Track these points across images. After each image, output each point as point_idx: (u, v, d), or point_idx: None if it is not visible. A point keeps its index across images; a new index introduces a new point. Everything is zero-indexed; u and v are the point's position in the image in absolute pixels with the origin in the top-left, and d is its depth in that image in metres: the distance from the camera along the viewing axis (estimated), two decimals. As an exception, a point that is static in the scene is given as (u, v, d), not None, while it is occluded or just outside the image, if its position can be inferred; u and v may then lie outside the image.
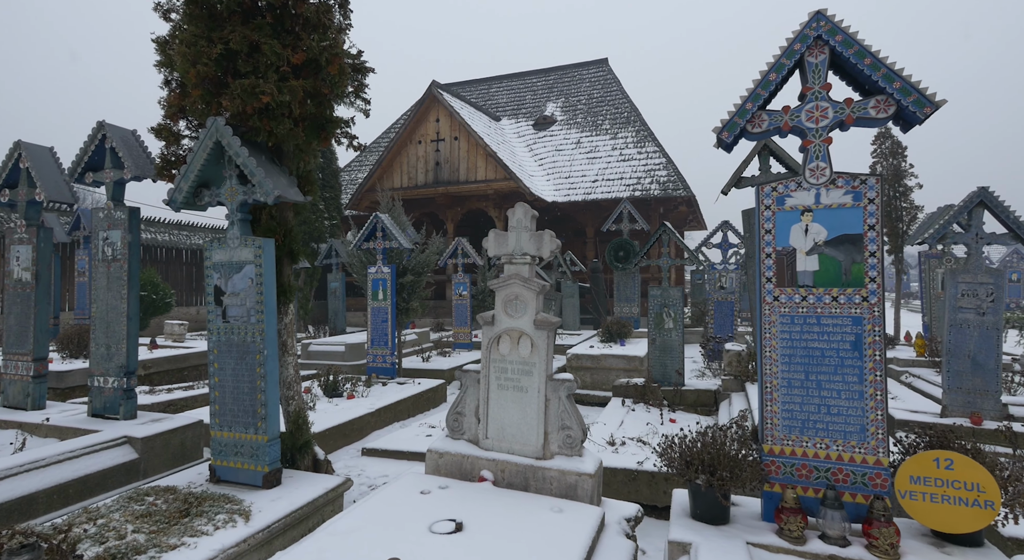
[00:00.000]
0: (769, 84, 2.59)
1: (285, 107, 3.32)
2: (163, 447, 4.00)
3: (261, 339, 3.46)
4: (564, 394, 3.25)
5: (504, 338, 3.41)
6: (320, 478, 3.62)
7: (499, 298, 3.44)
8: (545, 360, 3.30)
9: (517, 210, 3.43)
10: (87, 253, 11.76)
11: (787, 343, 2.55)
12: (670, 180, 16.22)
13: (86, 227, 11.95)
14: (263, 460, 3.46)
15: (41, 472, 3.27)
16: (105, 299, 4.33)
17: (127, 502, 3.12)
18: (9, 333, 4.67)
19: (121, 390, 4.24)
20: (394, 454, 4.96)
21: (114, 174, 4.37)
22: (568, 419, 3.23)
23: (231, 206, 3.54)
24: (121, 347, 4.26)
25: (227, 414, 3.55)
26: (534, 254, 3.37)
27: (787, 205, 2.58)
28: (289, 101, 3.28)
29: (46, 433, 4.11)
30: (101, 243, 4.35)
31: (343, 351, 9.44)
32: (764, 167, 6.00)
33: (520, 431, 3.33)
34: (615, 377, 7.86)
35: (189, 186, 3.54)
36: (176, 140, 4.18)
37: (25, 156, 4.61)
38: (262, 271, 3.47)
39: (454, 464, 3.37)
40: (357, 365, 9.34)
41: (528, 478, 3.19)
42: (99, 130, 4.34)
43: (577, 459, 3.18)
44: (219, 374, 3.57)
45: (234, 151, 3.40)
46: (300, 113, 3.39)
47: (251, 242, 3.48)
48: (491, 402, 3.42)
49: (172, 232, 18.09)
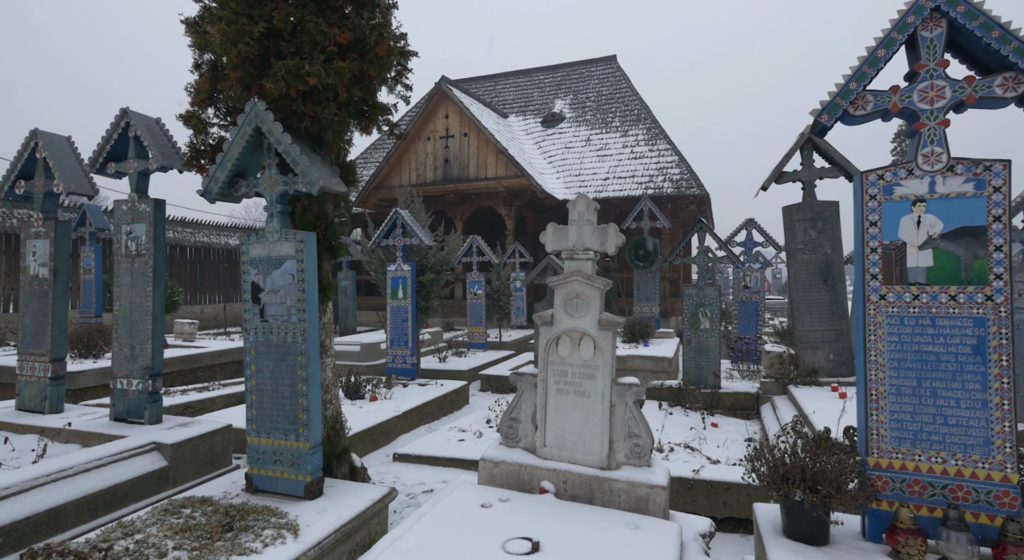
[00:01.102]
0: (877, 61, 2.37)
1: (330, 90, 3.09)
2: (192, 454, 3.77)
3: (303, 339, 3.24)
4: (631, 400, 3.03)
5: (563, 339, 3.19)
6: (363, 488, 3.39)
7: (558, 296, 3.21)
8: (610, 363, 3.08)
9: (578, 202, 3.21)
10: (93, 250, 11.51)
11: (896, 346, 2.33)
12: (683, 178, 16.00)
13: (92, 223, 11.70)
14: (305, 469, 3.23)
15: (69, 482, 3.05)
16: (129, 296, 4.09)
17: (163, 515, 2.90)
18: (25, 332, 4.43)
19: (146, 393, 4.01)
20: (428, 460, 4.73)
21: (138, 164, 4.14)
22: (636, 426, 3.00)
23: (270, 197, 3.31)
24: (146, 347, 4.02)
25: (265, 419, 3.32)
26: (597, 249, 3.15)
27: (896, 194, 2.36)
28: (334, 84, 3.05)
29: (67, 438, 3.87)
30: (124, 237, 4.12)
31: (358, 351, 9.21)
32: (807, 162, 5.79)
33: (582, 439, 3.10)
34: (642, 378, 7.64)
35: (226, 175, 3.31)
36: (204, 129, 3.95)
37: (42, 145, 4.37)
38: (304, 267, 3.24)
39: (510, 474, 3.14)
40: (373, 365, 9.11)
41: (593, 490, 2.96)
42: (122, 117, 4.11)
43: (647, 470, 2.96)
44: (256, 377, 3.34)
45: (275, 137, 3.17)
46: (346, 97, 3.15)
47: (292, 236, 3.25)
48: (549, 408, 3.20)
49: (176, 229, 17.83)
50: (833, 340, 5.56)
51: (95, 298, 11.40)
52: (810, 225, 5.70)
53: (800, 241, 5.72)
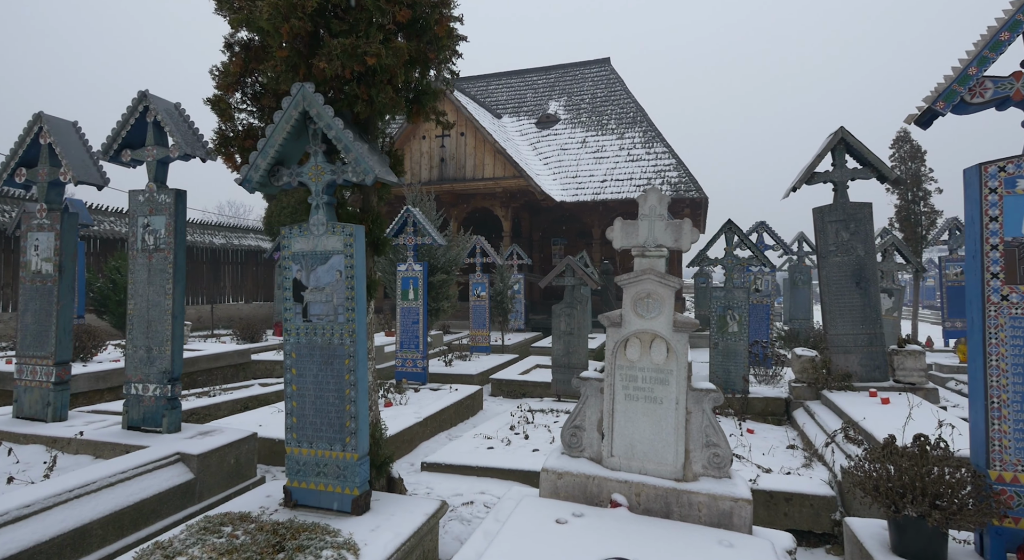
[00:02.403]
0: (1000, 45, 2.23)
1: (386, 72, 2.85)
2: (218, 465, 3.48)
3: (351, 341, 2.99)
4: (708, 406, 2.85)
5: (632, 341, 2.99)
6: (411, 501, 3.15)
7: (628, 296, 3.02)
8: (685, 367, 2.89)
9: (650, 196, 3.02)
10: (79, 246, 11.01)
11: (1021, 351, 2.18)
12: (681, 181, 15.98)
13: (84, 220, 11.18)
14: (352, 482, 2.98)
15: (93, 498, 2.75)
16: (145, 294, 3.79)
17: (202, 534, 2.62)
18: (25, 333, 4.09)
19: (164, 399, 3.71)
20: (460, 469, 4.49)
21: (157, 152, 3.83)
22: (714, 435, 2.82)
23: (316, 187, 3.06)
24: (165, 349, 3.72)
25: (307, 428, 3.06)
26: (671, 246, 2.97)
27: (1019, 188, 2.21)
28: (392, 65, 2.82)
29: (77, 449, 3.55)
30: (141, 230, 3.81)
31: (362, 353, 8.89)
32: (839, 163, 5.69)
33: (654, 448, 2.91)
34: (659, 382, 7.48)
35: (267, 163, 3.04)
36: (231, 115, 3.68)
37: (47, 130, 4.04)
38: (353, 262, 3.00)
39: (577, 486, 2.93)
40: (379, 369, 8.81)
41: (670, 504, 2.77)
42: (140, 101, 3.81)
43: (727, 482, 2.77)
44: (298, 381, 3.08)
45: (325, 122, 2.92)
46: (402, 81, 2.92)
47: (340, 229, 3.00)
48: (617, 415, 3.00)
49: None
50: (866, 344, 5.46)
51: (77, 299, 10.90)
52: (842, 227, 5.60)
53: (832, 243, 5.62)
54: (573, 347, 6.88)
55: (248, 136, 3.64)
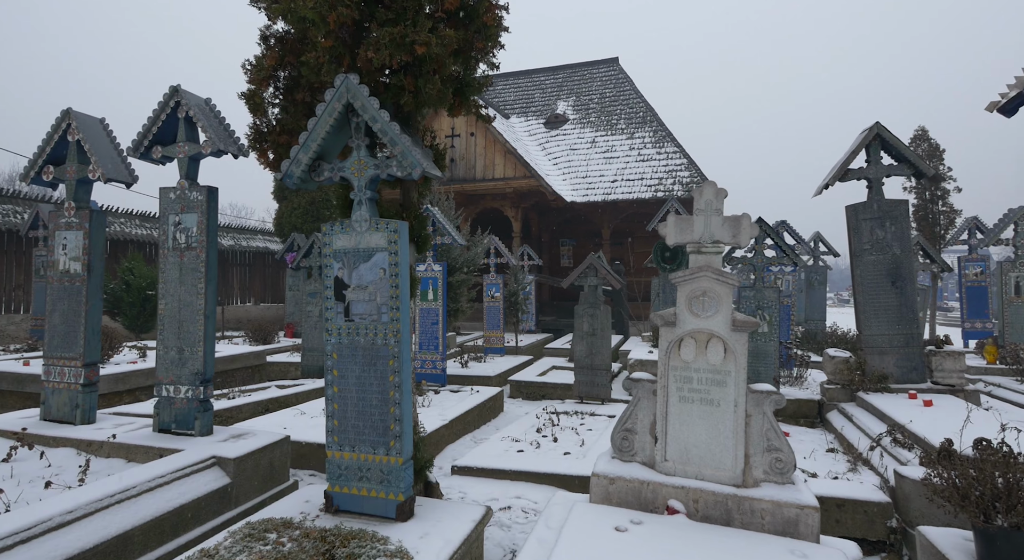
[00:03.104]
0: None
1: (433, 62, 2.76)
2: (253, 469, 3.39)
3: (395, 341, 2.89)
4: (769, 409, 2.74)
5: (687, 341, 2.89)
6: (455, 507, 3.05)
7: (682, 294, 2.92)
8: (744, 368, 2.79)
9: (705, 190, 2.92)
10: None
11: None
12: (693, 181, 15.86)
13: None
14: (397, 487, 2.88)
15: (133, 504, 2.65)
16: (177, 294, 3.70)
17: (247, 541, 2.53)
18: (53, 333, 4.00)
19: (196, 401, 3.62)
20: (493, 473, 4.39)
21: (189, 148, 3.75)
22: (775, 439, 2.72)
23: (359, 182, 2.97)
24: (197, 350, 3.63)
25: (349, 431, 2.97)
26: (728, 242, 2.86)
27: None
28: (440, 55, 2.72)
29: (109, 452, 3.46)
30: (172, 229, 3.73)
31: (378, 355, 8.80)
32: (874, 159, 5.58)
33: (710, 453, 2.81)
34: (683, 384, 7.37)
35: (309, 158, 2.95)
36: (264, 109, 3.60)
37: (75, 127, 3.96)
38: (397, 260, 2.90)
39: (630, 491, 2.83)
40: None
41: (730, 511, 2.66)
42: (172, 96, 3.72)
43: (791, 488, 2.67)
44: (339, 383, 2.99)
45: (371, 115, 2.83)
46: (449, 72, 2.83)
47: (384, 226, 2.91)
48: (671, 418, 2.89)
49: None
50: (903, 345, 5.34)
51: None
52: (877, 225, 5.49)
53: (867, 241, 5.51)
54: (596, 348, 6.77)
55: (283, 131, 3.55)
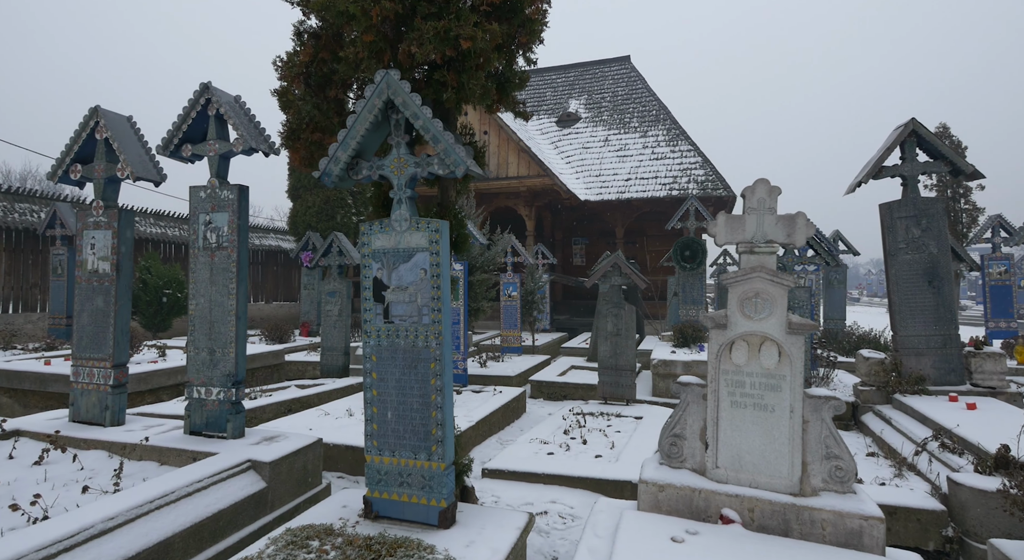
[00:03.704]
0: None
1: (477, 57, 2.67)
2: (288, 473, 3.32)
3: (437, 343, 2.81)
4: (828, 415, 2.64)
5: (739, 344, 2.79)
6: (497, 513, 2.96)
7: (733, 296, 2.82)
8: (800, 372, 2.69)
9: (758, 188, 2.82)
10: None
11: None
12: (708, 179, 15.71)
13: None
14: (439, 492, 2.80)
15: (173, 509, 2.59)
16: (208, 294, 3.64)
17: (290, 549, 2.46)
18: (81, 334, 3.96)
19: (228, 403, 3.56)
20: (524, 476, 4.30)
21: (220, 146, 3.69)
22: (835, 446, 2.61)
23: (398, 180, 2.89)
24: (228, 351, 3.57)
25: (389, 435, 2.89)
26: (783, 241, 2.76)
27: None
28: (485, 49, 2.64)
29: (141, 455, 3.41)
30: (203, 228, 3.67)
31: (397, 355, 8.74)
32: (909, 156, 5.45)
33: (765, 460, 2.71)
34: (708, 385, 7.26)
35: (348, 155, 2.88)
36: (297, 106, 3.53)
37: (104, 125, 3.91)
38: (439, 260, 2.82)
39: (681, 499, 2.74)
40: (412, 370, 8.65)
41: (789, 521, 2.56)
42: (202, 93, 3.66)
43: (852, 497, 2.56)
44: (378, 386, 2.91)
45: (412, 111, 2.75)
46: (493, 66, 2.74)
47: (425, 225, 2.83)
48: (723, 423, 2.80)
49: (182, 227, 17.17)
50: (940, 346, 5.21)
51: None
52: (913, 223, 5.36)
53: (902, 240, 5.38)
54: (620, 348, 6.67)
55: (315, 129, 3.49)
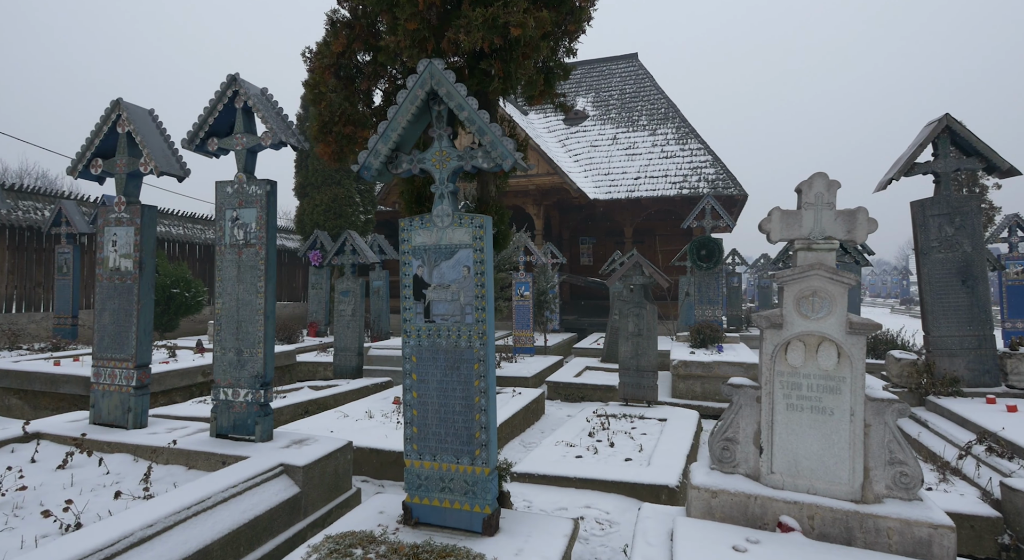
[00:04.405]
0: None
1: (523, 46, 2.57)
2: (320, 477, 3.22)
3: (481, 343, 2.71)
4: (892, 419, 2.54)
5: (795, 345, 2.68)
6: (540, 520, 2.86)
7: (789, 294, 2.71)
8: (861, 374, 2.58)
9: (815, 182, 2.71)
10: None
11: None
12: (719, 178, 15.60)
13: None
14: (483, 498, 2.70)
15: (210, 516, 2.49)
16: (234, 292, 3.54)
17: (332, 558, 2.35)
18: (103, 333, 3.85)
19: (256, 405, 3.45)
20: (555, 480, 4.19)
21: (247, 140, 3.58)
22: (899, 451, 2.51)
23: (440, 174, 2.78)
24: (256, 352, 3.47)
25: (430, 438, 2.79)
26: (843, 238, 2.66)
27: None
28: (534, 38, 2.53)
29: (168, 459, 3.31)
30: (229, 224, 3.56)
31: (410, 354, 8.63)
32: (943, 153, 5.34)
33: (823, 465, 2.60)
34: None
35: (388, 148, 2.77)
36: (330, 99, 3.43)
37: (126, 118, 3.81)
38: (484, 256, 2.72)
39: (736, 506, 2.63)
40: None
41: (852, 529, 2.46)
42: (230, 85, 3.56)
43: (919, 505, 2.46)
44: (418, 388, 2.81)
45: (457, 102, 2.64)
46: (541, 56, 2.64)
47: (469, 221, 2.73)
48: (778, 427, 2.69)
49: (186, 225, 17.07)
50: (974, 346, 5.10)
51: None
52: (946, 221, 5.25)
53: (935, 238, 5.27)
54: (642, 349, 6.57)
55: (347, 122, 3.39)
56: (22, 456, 3.38)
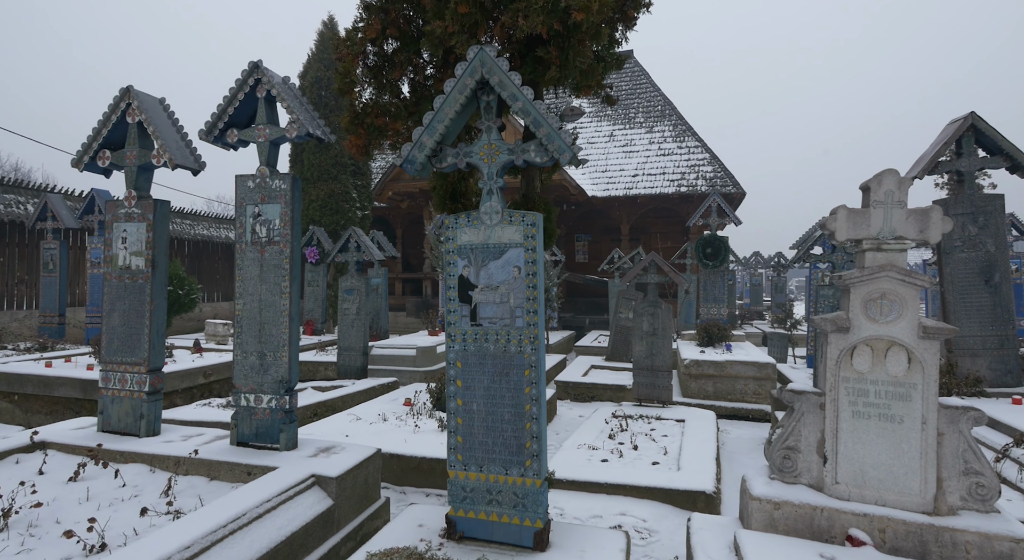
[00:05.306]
0: None
1: (588, 31, 2.41)
2: (352, 488, 3.05)
3: (532, 348, 2.56)
4: (967, 427, 2.43)
5: (861, 350, 2.57)
6: (591, 533, 2.72)
7: (856, 297, 2.59)
8: (934, 381, 2.48)
9: (885, 179, 2.59)
10: (103, 241, 10.46)
11: None
12: (717, 176, 15.57)
13: (103, 210, 10.67)
14: (534, 511, 2.56)
15: (247, 534, 2.31)
16: (257, 293, 3.34)
17: (384, 581, 2.19)
18: (112, 336, 3.63)
19: (281, 412, 3.27)
20: (584, 486, 4.06)
21: (270, 131, 3.39)
22: (975, 461, 2.41)
23: (489, 169, 2.62)
24: (281, 356, 3.28)
25: (476, 448, 2.63)
26: (915, 238, 2.54)
27: None
28: (596, 23, 2.37)
29: (187, 469, 3.11)
30: (251, 221, 3.36)
31: (414, 355, 8.47)
32: (967, 151, 5.29)
33: (892, 475, 2.49)
34: (742, 386, 7.10)
35: (434, 141, 2.61)
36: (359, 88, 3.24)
37: (137, 107, 3.58)
38: (535, 256, 2.57)
39: (800, 518, 2.51)
40: (430, 372, 8.39)
41: (927, 543, 2.35)
42: (251, 73, 3.35)
43: (997, 517, 2.36)
44: (463, 395, 2.65)
45: (510, 92, 2.48)
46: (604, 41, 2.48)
47: (520, 218, 2.57)
48: (843, 435, 2.58)
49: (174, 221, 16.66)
50: (996, 346, 5.07)
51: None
52: (969, 220, 5.20)
53: (958, 238, 5.22)
54: (657, 348, 6.46)
55: (379, 112, 3.20)
56: (28, 468, 3.17)
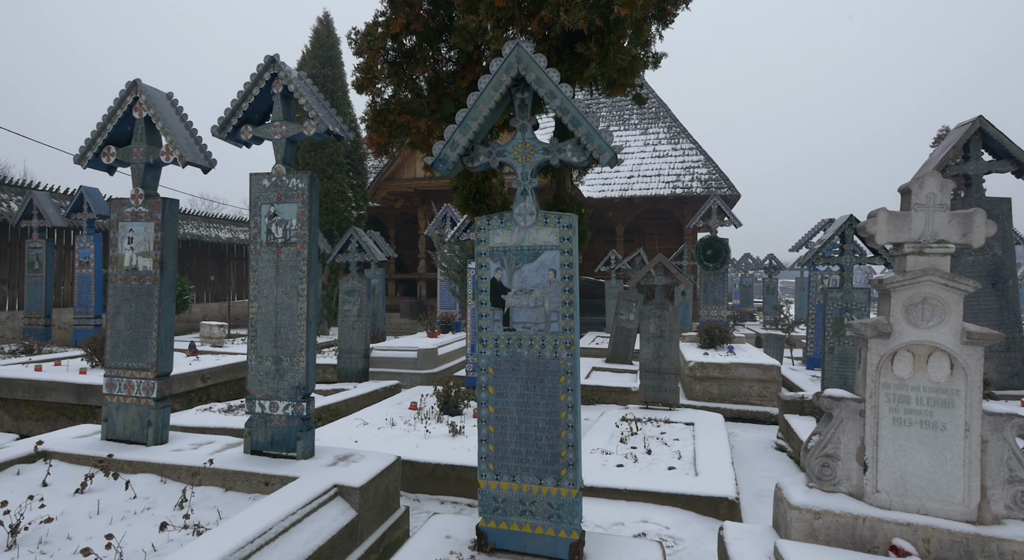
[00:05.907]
0: None
1: (625, 27, 2.34)
2: (374, 498, 2.95)
3: (568, 354, 2.48)
4: (1012, 434, 2.40)
5: (902, 355, 2.53)
6: (624, 544, 2.65)
7: (897, 301, 2.55)
8: (978, 387, 2.44)
9: (927, 182, 2.55)
10: (92, 240, 10.22)
11: None
12: (712, 178, 15.63)
13: (92, 209, 10.41)
14: (569, 522, 2.48)
15: (273, 550, 2.20)
16: (272, 295, 3.23)
17: (421, 599, 2.10)
18: (117, 340, 3.49)
19: (298, 419, 3.16)
20: (603, 492, 3.98)
21: (287, 128, 3.27)
22: (1020, 469, 2.37)
23: (523, 169, 2.54)
24: (297, 361, 3.17)
25: (508, 457, 2.55)
26: (957, 241, 2.50)
27: None
28: (639, 19, 2.31)
29: (201, 480, 2.99)
30: (266, 221, 3.25)
31: (415, 358, 8.36)
32: (974, 155, 5.31)
33: (934, 483, 2.45)
34: (747, 389, 7.08)
35: (467, 139, 2.52)
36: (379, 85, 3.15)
37: (144, 101, 3.45)
38: (572, 260, 2.49)
39: (842, 528, 2.46)
40: (431, 374, 8.28)
41: (973, 553, 2.31)
42: (267, 68, 3.24)
43: (1043, 524, 2.33)
44: (496, 402, 2.56)
45: (547, 89, 2.41)
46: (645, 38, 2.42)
47: (555, 220, 2.50)
48: (883, 442, 2.53)
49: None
50: (1004, 349, 5.09)
51: (94, 297, 10.15)
52: (979, 224, 5.22)
53: (968, 241, 5.24)
54: (664, 351, 6.42)
55: (402, 110, 3.11)
56: (31, 479, 3.02)
